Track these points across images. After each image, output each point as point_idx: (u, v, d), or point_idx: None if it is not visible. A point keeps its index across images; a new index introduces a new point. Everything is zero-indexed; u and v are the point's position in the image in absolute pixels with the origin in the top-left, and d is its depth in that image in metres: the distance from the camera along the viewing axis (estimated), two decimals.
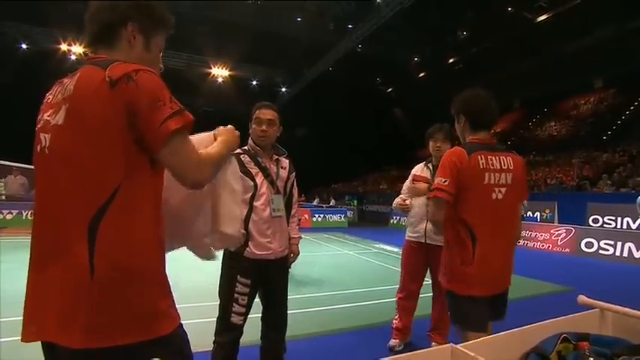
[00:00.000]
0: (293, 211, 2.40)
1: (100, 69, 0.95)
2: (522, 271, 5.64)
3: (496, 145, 1.93)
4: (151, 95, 0.94)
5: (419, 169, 3.17)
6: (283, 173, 2.29)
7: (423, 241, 2.99)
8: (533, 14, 18.17)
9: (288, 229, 2.33)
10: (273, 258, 2.17)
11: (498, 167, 1.83)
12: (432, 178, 2.99)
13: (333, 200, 21.68)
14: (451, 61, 23.91)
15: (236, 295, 2.10)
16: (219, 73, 23.60)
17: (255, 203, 2.14)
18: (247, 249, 2.11)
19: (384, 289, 4.85)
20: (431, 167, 3.07)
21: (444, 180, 1.79)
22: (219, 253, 2.10)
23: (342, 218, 16.02)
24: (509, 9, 18.34)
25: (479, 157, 1.80)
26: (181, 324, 1.06)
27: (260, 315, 2.29)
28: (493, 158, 1.83)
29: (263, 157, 2.24)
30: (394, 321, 3.19)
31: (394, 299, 3.25)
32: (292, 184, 2.38)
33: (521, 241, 10.17)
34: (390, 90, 30.13)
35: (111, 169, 0.92)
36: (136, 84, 0.92)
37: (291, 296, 4.53)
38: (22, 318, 0.95)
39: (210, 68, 23.15)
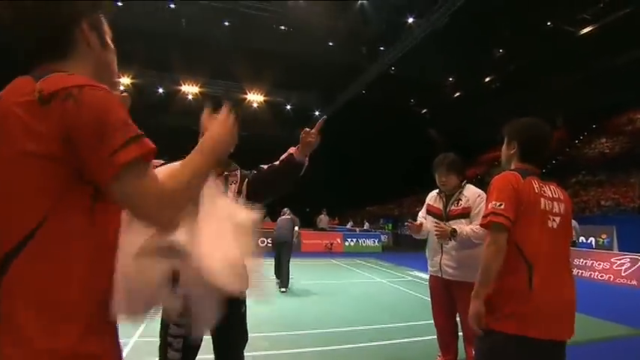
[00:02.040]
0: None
1: (33, 80, 0.76)
2: (580, 307, 4.96)
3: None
4: (99, 118, 0.73)
5: (432, 199, 3.02)
6: (233, 189, 1.93)
7: (440, 275, 2.77)
8: (575, 27, 17.36)
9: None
10: None
11: (550, 195, 1.68)
12: (444, 209, 2.87)
13: (367, 224, 21.17)
14: (487, 79, 23.22)
15: (169, 339, 1.77)
16: (255, 98, 24.34)
17: None
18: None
19: (418, 325, 4.41)
20: (444, 197, 2.91)
21: (498, 203, 1.59)
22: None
23: (376, 243, 15.50)
24: (549, 24, 17.64)
25: (532, 181, 1.66)
26: None
27: None
28: (544, 186, 1.70)
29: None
30: (438, 356, 2.95)
31: (429, 337, 3.02)
32: (256, 184, 1.97)
33: (574, 271, 9.22)
34: (424, 111, 29.66)
35: (24, 208, 0.73)
36: (77, 103, 0.72)
37: (312, 331, 4.26)
38: None
39: (246, 94, 23.94)
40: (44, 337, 0.70)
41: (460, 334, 2.76)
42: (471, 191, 2.82)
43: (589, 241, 11.35)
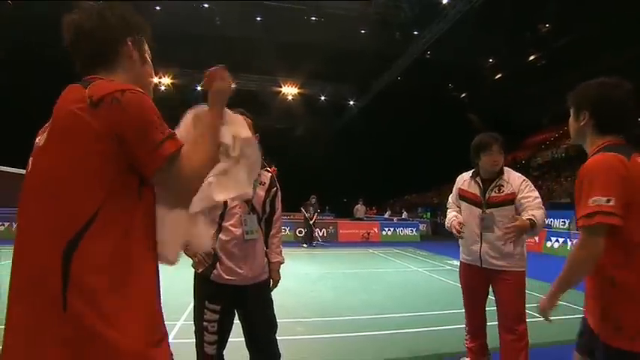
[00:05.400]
0: (274, 231, 2.18)
1: (82, 87, 0.91)
2: None
3: None
4: (140, 118, 0.90)
5: (465, 184, 2.79)
6: (260, 190, 2.07)
7: (479, 264, 2.64)
8: None
9: (268, 251, 2.13)
10: (243, 284, 1.95)
11: None
12: (482, 195, 2.67)
13: (405, 213, 20.89)
14: (531, 58, 21.81)
15: (205, 323, 1.93)
16: (289, 91, 24.59)
17: (224, 223, 1.95)
18: (214, 271, 1.93)
19: (455, 313, 4.37)
20: (479, 182, 2.69)
21: (606, 199, 1.28)
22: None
23: (414, 232, 15.30)
24: None
25: (639, 159, 1.36)
26: None
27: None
28: None
29: None
30: (465, 341, 2.89)
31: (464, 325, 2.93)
32: (274, 201, 2.15)
33: None
34: (463, 95, 28.50)
35: (87, 194, 0.87)
36: (122, 106, 0.88)
37: (347, 318, 4.36)
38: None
39: (281, 87, 24.24)
40: (112, 299, 0.86)
41: (494, 323, 2.70)
42: (512, 176, 2.62)
43: None
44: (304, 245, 12.15)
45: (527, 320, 2.58)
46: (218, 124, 1.08)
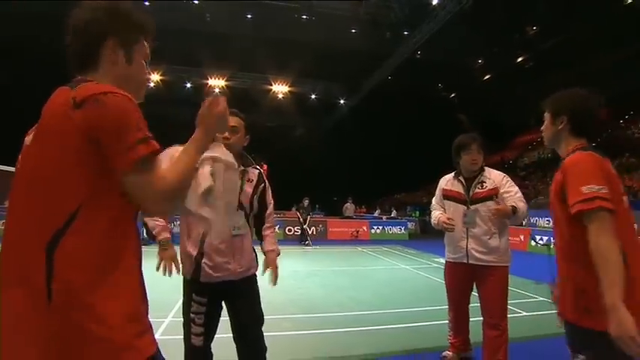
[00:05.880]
0: (267, 224, 2.24)
1: (70, 89, 0.93)
2: None
3: None
4: (117, 121, 0.90)
5: (448, 184, 2.90)
6: (248, 187, 2.10)
7: (466, 261, 2.71)
8: None
9: (262, 243, 2.22)
10: (231, 279, 2.00)
11: (616, 174, 1.51)
12: (466, 192, 2.78)
13: (394, 211, 21.06)
14: (520, 60, 22.14)
15: (192, 315, 1.97)
16: (280, 89, 24.49)
17: None
18: (202, 273, 1.95)
19: (440, 309, 4.45)
20: (462, 180, 2.81)
21: (599, 187, 1.35)
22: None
23: (403, 230, 15.44)
24: None
25: (609, 162, 1.49)
26: (155, 354, 0.98)
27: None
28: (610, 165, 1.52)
29: None
30: (449, 337, 3.01)
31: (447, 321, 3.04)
32: (264, 197, 2.20)
33: None
34: (452, 95, 28.78)
35: (68, 193, 0.89)
36: (102, 107, 0.89)
37: (334, 314, 4.41)
38: None
39: (271, 85, 24.14)
40: (95, 293, 0.88)
41: (478, 318, 2.77)
42: (493, 173, 2.77)
43: None
44: (305, 243, 12.49)
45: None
46: (200, 148, 1.09)
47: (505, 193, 2.65)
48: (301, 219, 12.93)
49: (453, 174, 2.91)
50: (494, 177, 2.74)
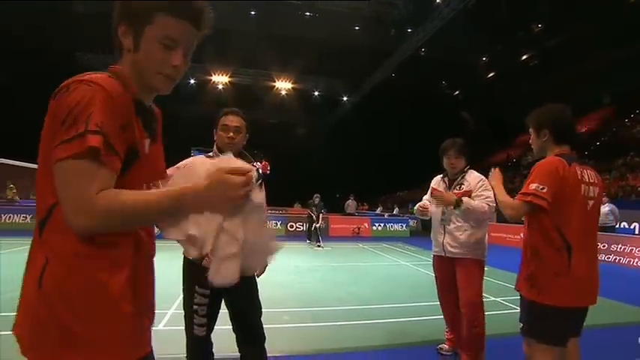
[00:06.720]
0: None
1: None
2: (614, 294, 4.91)
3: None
4: (67, 110, 0.80)
5: (436, 183, 3.16)
6: None
7: (444, 254, 2.94)
8: None
9: None
10: None
11: (587, 180, 1.85)
12: (445, 192, 3.00)
13: (396, 209, 21.09)
14: (524, 57, 22.02)
15: (195, 307, 2.04)
16: (283, 86, 24.54)
17: None
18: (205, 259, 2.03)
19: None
20: (446, 181, 3.06)
21: (541, 187, 1.76)
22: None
23: (404, 227, 15.48)
24: None
25: (576, 167, 1.82)
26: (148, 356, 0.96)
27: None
28: (583, 171, 1.86)
29: None
30: (445, 332, 3.19)
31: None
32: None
33: (612, 257, 8.85)
34: (456, 93, 28.70)
35: (46, 188, 0.85)
36: (65, 95, 0.82)
37: (333, 308, 4.48)
38: None
39: (274, 82, 24.18)
40: (77, 297, 0.84)
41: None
42: (472, 176, 2.94)
43: (632, 227, 10.75)
44: (318, 245, 10.93)
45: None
46: (180, 207, 0.88)
47: (476, 197, 2.82)
48: (314, 216, 11.54)
49: (442, 174, 3.16)
50: (471, 180, 2.92)
